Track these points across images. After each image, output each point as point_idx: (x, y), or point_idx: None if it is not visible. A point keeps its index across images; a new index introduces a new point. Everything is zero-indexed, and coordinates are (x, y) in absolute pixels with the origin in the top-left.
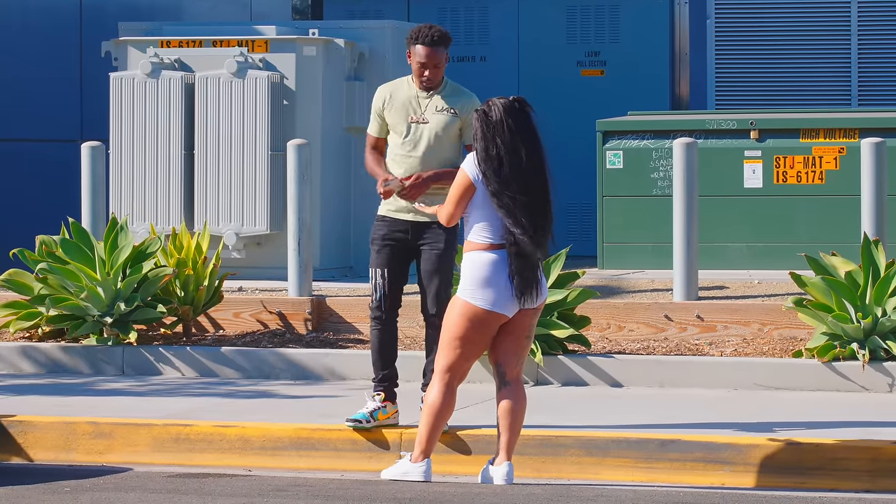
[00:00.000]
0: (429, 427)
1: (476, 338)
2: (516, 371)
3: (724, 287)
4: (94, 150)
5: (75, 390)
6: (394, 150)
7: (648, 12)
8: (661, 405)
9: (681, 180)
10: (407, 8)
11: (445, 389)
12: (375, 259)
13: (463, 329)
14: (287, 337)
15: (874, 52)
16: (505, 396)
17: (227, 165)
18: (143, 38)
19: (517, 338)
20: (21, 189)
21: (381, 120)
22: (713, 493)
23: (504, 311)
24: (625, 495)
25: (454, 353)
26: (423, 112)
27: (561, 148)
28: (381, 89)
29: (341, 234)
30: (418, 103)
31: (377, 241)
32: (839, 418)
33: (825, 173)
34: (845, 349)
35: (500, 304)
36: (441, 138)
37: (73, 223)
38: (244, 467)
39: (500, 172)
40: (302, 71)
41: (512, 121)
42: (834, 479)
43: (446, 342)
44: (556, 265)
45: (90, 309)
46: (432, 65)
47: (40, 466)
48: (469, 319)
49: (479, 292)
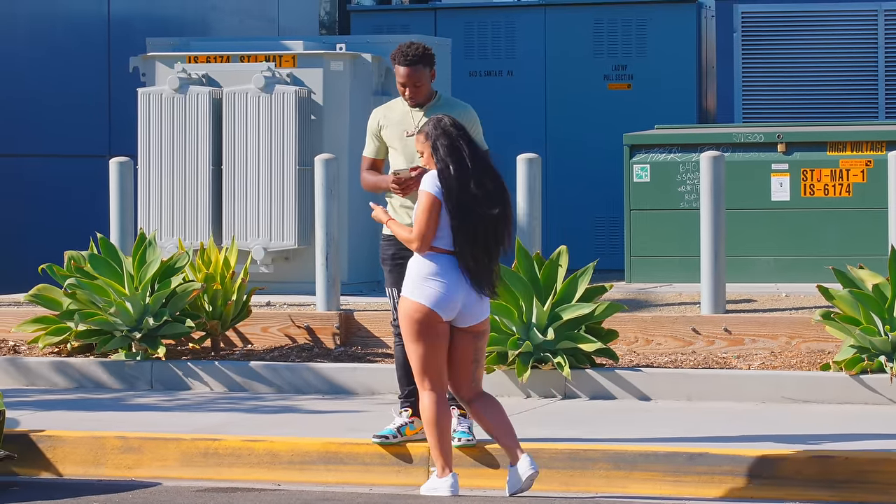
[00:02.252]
0: (432, 439)
1: (425, 337)
2: (474, 391)
3: (751, 300)
4: (122, 165)
5: (104, 405)
6: (395, 167)
7: (675, 26)
8: (688, 418)
9: (708, 194)
10: (434, 22)
11: (431, 396)
12: (389, 278)
13: (411, 331)
14: (315, 351)
15: None
16: (477, 413)
17: (254, 180)
18: (171, 54)
19: (466, 364)
20: (49, 204)
21: (377, 141)
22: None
23: (441, 312)
24: None
25: (416, 358)
26: (417, 125)
27: (588, 162)
28: (375, 111)
29: (369, 248)
30: (412, 118)
31: (388, 260)
32: (867, 431)
33: (852, 186)
34: (873, 362)
35: (439, 303)
36: None
37: (102, 238)
38: (273, 481)
39: (460, 195)
40: (329, 86)
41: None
42: (863, 493)
43: (409, 351)
44: (583, 279)
45: (119, 324)
46: (412, 84)
47: (70, 481)
48: (410, 317)
49: (418, 290)
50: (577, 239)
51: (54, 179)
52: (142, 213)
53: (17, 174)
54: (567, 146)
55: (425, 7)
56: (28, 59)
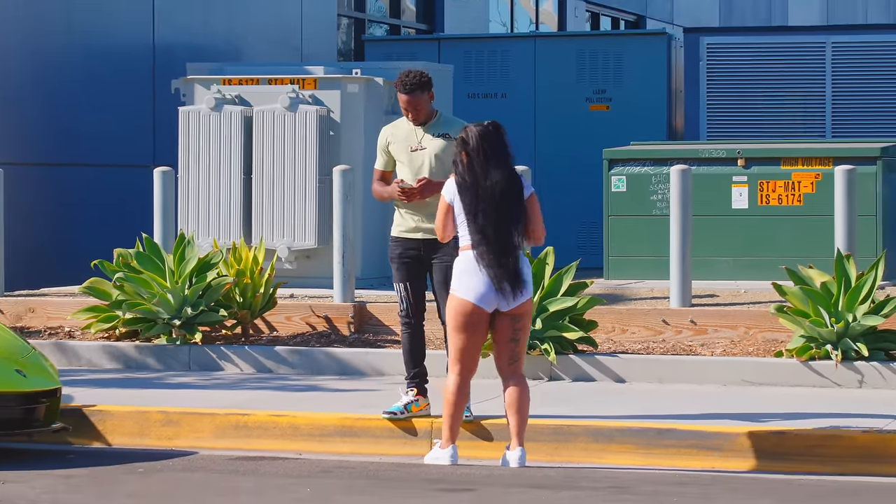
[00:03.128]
0: (447, 414)
1: (466, 327)
2: (510, 370)
3: (714, 295)
4: (164, 174)
5: (148, 384)
6: (401, 178)
7: (648, 55)
8: (658, 399)
9: (677, 202)
10: (438, 51)
11: (456, 379)
12: (396, 275)
13: (453, 320)
14: (332, 338)
15: (845, 90)
16: (508, 391)
17: (280, 188)
18: (208, 77)
19: (503, 343)
20: (100, 208)
21: (385, 155)
22: (704, 476)
23: (481, 304)
24: (628, 477)
25: (454, 344)
26: (420, 140)
27: (572, 173)
28: (384, 129)
29: (380, 248)
30: (415, 134)
31: (395, 259)
32: (816, 411)
33: (803, 196)
34: (820, 350)
35: (478, 296)
36: (440, 159)
37: (147, 238)
38: (295, 451)
39: (473, 191)
40: (346, 106)
41: (487, 145)
42: (813, 465)
43: (448, 335)
44: (567, 276)
45: (161, 313)
46: (412, 108)
47: (117, 450)
48: (455, 309)
49: (459, 285)
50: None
51: (105, 186)
52: (181, 215)
53: (72, 181)
54: (553, 160)
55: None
56: (83, 81)
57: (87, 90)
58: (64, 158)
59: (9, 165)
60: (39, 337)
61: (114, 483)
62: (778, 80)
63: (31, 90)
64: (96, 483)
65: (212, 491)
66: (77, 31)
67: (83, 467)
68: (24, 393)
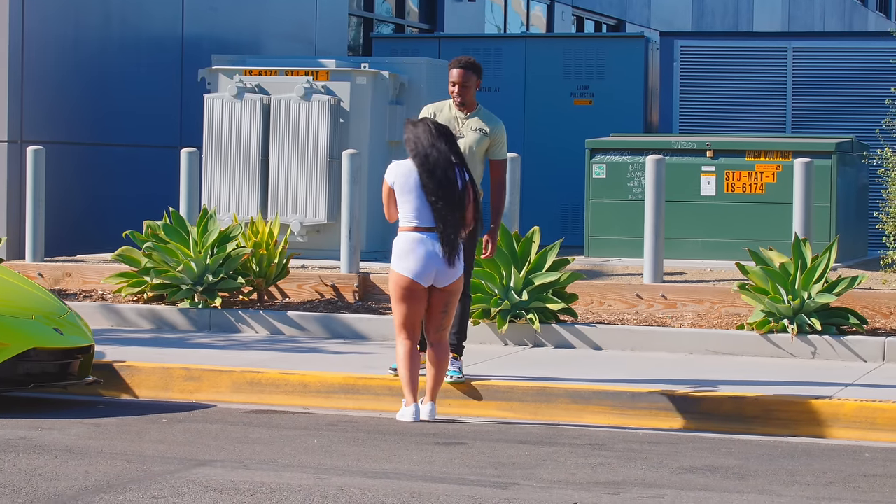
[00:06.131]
0: (403, 377)
1: (405, 299)
2: (437, 336)
3: (683, 273)
4: (190, 154)
5: (172, 343)
6: None
7: (627, 56)
8: (632, 365)
9: (651, 188)
10: (438, 48)
11: (405, 343)
12: None
13: (394, 293)
14: (339, 305)
15: (804, 90)
16: (430, 353)
17: (294, 169)
18: (231, 68)
19: (435, 313)
20: (132, 184)
21: None
22: (672, 435)
23: (418, 280)
24: (603, 434)
25: (397, 314)
26: (461, 128)
27: (557, 161)
28: (426, 107)
29: (383, 224)
30: (458, 121)
31: None
32: (773, 378)
33: (765, 185)
34: (778, 324)
35: (415, 272)
36: (474, 152)
37: (173, 212)
38: (304, 406)
39: (430, 177)
40: (355, 96)
41: (443, 140)
42: (769, 427)
43: (393, 309)
44: (551, 253)
45: (185, 279)
46: (461, 83)
47: (144, 402)
48: (395, 283)
49: (398, 262)
50: (547, 221)
51: (136, 164)
52: (205, 192)
53: (106, 160)
54: (541, 149)
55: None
56: (118, 70)
57: (122, 78)
58: (101, 139)
59: (53, 144)
60: (75, 299)
61: (140, 431)
62: (744, 80)
63: (73, 78)
64: (124, 431)
65: (229, 440)
66: (114, 25)
67: (112, 417)
68: (61, 349)
